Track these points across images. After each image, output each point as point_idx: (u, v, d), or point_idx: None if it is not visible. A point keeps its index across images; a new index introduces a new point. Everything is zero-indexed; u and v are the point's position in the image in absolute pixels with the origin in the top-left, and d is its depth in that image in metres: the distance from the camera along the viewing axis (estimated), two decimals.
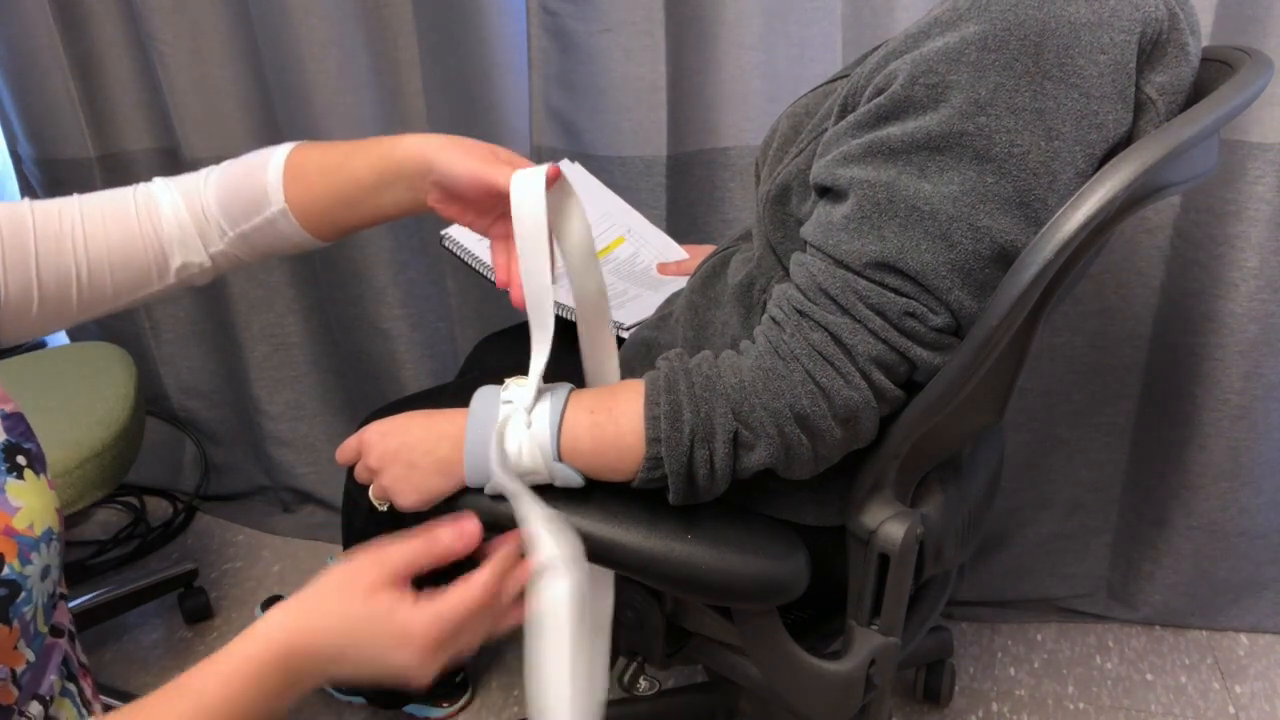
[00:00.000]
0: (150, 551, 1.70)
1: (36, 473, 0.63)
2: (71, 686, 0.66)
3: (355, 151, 0.75)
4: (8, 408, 0.65)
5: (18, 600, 0.58)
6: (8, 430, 0.63)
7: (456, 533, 0.61)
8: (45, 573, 0.61)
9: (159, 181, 0.78)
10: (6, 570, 0.57)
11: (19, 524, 0.59)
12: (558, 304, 1.00)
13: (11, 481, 0.61)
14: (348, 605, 0.58)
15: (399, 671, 0.58)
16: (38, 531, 0.60)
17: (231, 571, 1.65)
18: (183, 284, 0.79)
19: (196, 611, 1.52)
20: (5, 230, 0.69)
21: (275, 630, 0.57)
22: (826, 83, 0.82)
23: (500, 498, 0.74)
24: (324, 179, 0.75)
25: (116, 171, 1.59)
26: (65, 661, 0.67)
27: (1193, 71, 0.68)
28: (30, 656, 0.60)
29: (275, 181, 0.75)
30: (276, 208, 0.76)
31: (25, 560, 0.59)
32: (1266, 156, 1.14)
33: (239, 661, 0.56)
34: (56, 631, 0.66)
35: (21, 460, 0.63)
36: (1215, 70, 0.72)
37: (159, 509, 1.82)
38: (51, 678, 0.63)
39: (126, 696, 1.29)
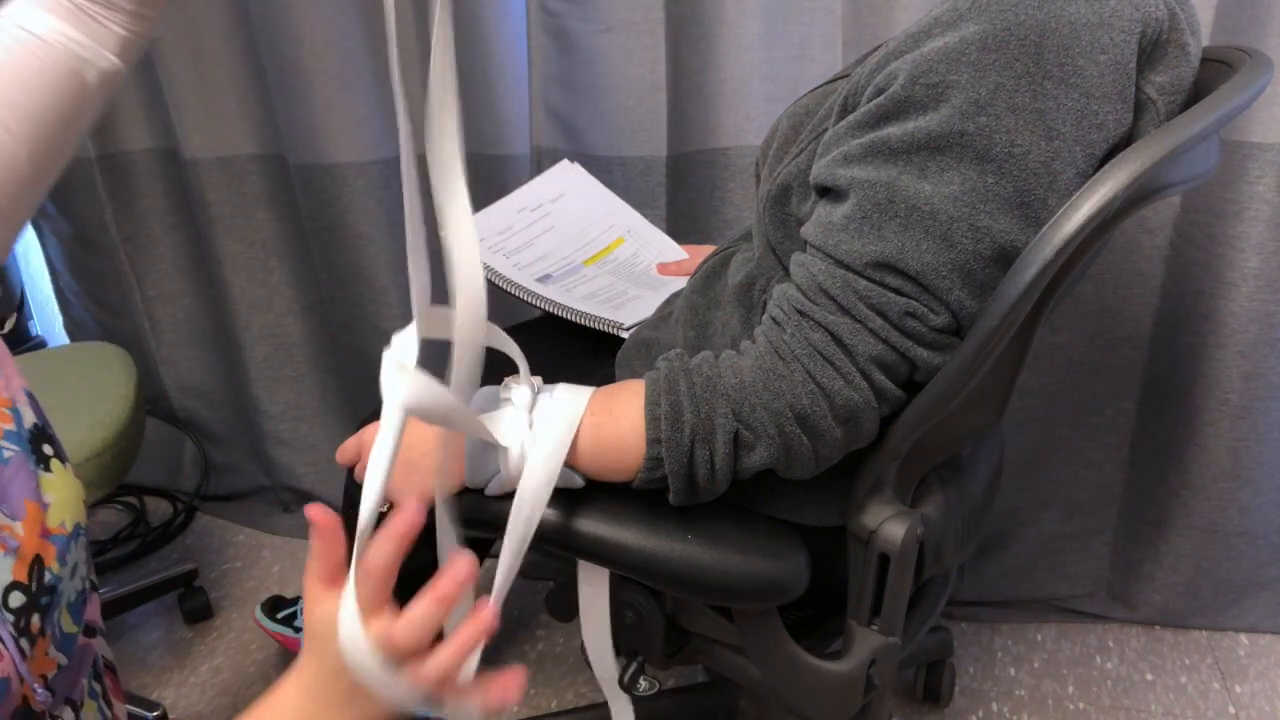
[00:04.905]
0: (150, 551, 1.70)
1: (62, 461, 0.58)
2: (97, 686, 0.64)
3: None
4: (27, 385, 0.59)
5: (54, 606, 0.54)
6: (36, 411, 0.57)
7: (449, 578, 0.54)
8: (74, 570, 0.57)
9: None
10: (48, 577, 0.53)
11: (52, 522, 0.55)
12: (555, 304, 1.01)
13: (42, 475, 0.56)
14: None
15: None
16: (69, 528, 0.56)
17: (231, 571, 1.65)
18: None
19: (196, 612, 1.51)
20: None
21: None
22: (826, 83, 0.82)
23: (500, 498, 0.74)
24: None
25: (116, 172, 1.59)
26: (93, 661, 0.64)
27: (1193, 71, 0.68)
28: (61, 660, 0.57)
29: None
30: None
31: (62, 561, 0.55)
32: (1266, 156, 1.14)
33: None
34: (89, 631, 0.62)
35: (48, 449, 0.57)
36: (1215, 70, 0.72)
37: (159, 509, 1.82)
38: (84, 681, 0.60)
39: (126, 697, 1.28)
